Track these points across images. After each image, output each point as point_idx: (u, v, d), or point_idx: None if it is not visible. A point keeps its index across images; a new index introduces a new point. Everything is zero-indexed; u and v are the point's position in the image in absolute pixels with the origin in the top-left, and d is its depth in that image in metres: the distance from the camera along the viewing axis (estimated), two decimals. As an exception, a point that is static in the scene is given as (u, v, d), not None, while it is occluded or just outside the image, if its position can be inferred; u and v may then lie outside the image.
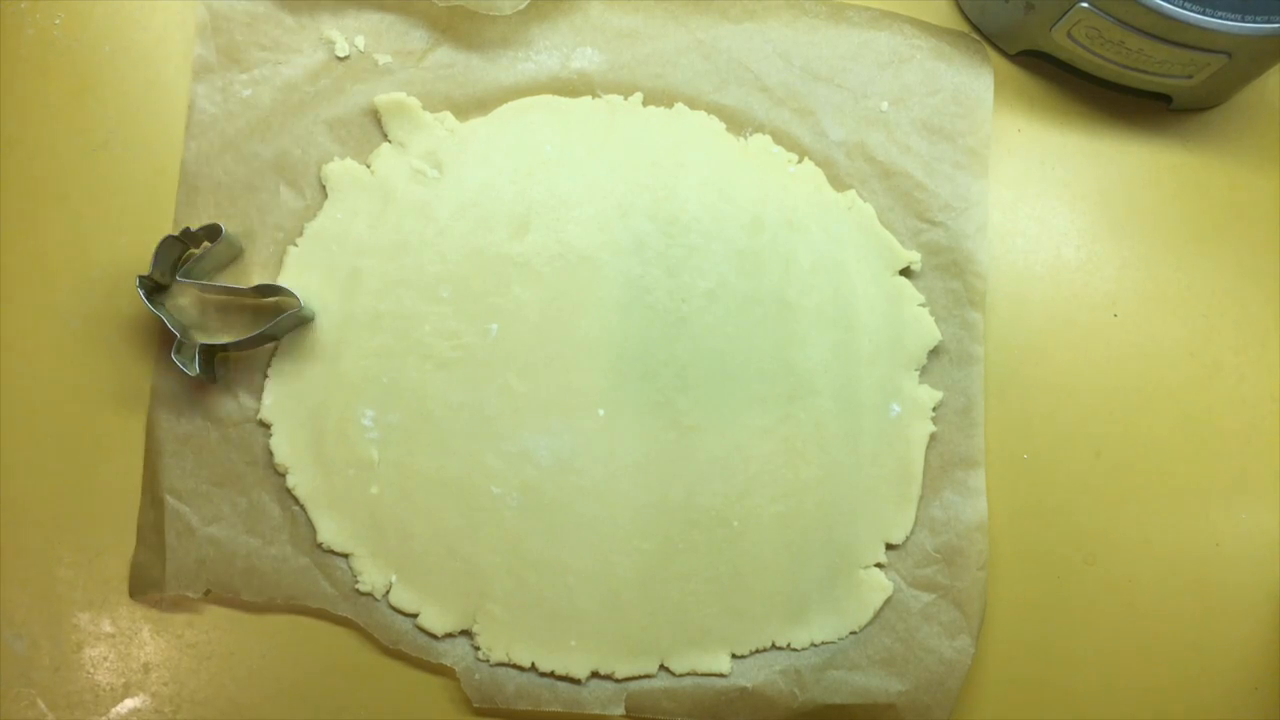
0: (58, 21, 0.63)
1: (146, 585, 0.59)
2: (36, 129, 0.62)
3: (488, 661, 0.59)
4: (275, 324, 0.58)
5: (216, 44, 0.62)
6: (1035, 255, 0.66)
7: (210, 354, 0.59)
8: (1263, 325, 0.66)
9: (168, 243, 0.58)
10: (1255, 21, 0.59)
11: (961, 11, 0.68)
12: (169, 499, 0.58)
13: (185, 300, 0.61)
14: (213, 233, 0.59)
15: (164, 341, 0.59)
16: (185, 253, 0.60)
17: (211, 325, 0.61)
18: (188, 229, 0.58)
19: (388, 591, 0.59)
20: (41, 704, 0.58)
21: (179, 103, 0.62)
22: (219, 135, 0.61)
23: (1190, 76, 0.63)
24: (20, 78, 0.62)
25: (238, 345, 0.59)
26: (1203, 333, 0.66)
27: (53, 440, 0.60)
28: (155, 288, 0.59)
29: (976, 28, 0.67)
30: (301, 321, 0.60)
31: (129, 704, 0.59)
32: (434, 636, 0.59)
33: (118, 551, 0.59)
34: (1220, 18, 0.59)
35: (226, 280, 0.61)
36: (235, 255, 0.61)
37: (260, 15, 0.62)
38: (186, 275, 0.59)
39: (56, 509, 0.59)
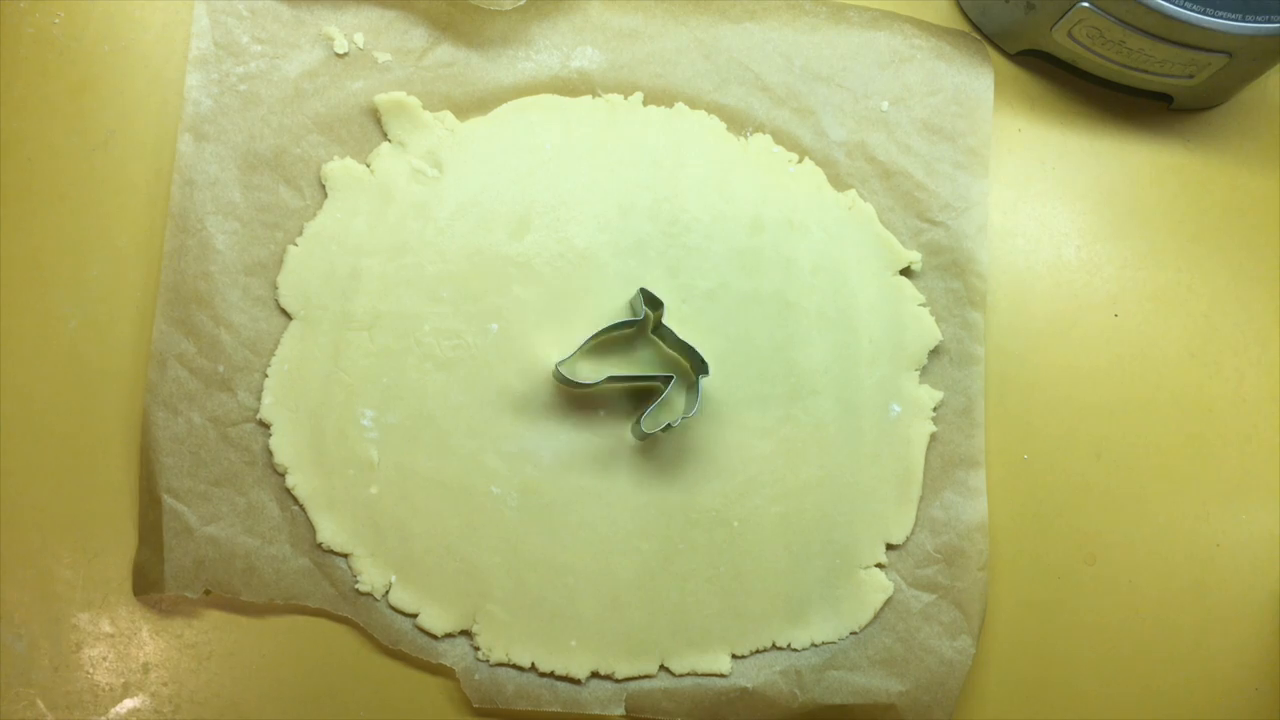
0: (57, 21, 0.63)
1: (147, 585, 0.58)
2: (35, 128, 0.62)
3: (487, 662, 0.59)
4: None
5: (214, 36, 0.61)
6: (1035, 255, 0.66)
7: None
8: (1263, 325, 0.66)
9: None
10: (1256, 21, 0.59)
11: (962, 11, 0.68)
12: (167, 499, 0.58)
13: None
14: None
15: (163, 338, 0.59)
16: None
17: None
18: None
19: (387, 591, 0.59)
20: (41, 704, 0.58)
21: (178, 102, 0.62)
22: (214, 129, 0.61)
23: (1191, 76, 0.63)
24: (19, 77, 0.62)
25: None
26: (1203, 333, 0.66)
27: (52, 440, 0.60)
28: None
29: (977, 27, 0.67)
30: None
31: (128, 704, 0.58)
32: (434, 637, 0.59)
33: (117, 551, 0.59)
34: (1221, 17, 0.59)
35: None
36: None
37: (259, 9, 0.62)
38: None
39: (56, 509, 0.59)
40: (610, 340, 0.61)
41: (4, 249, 0.60)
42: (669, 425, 0.58)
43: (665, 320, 0.60)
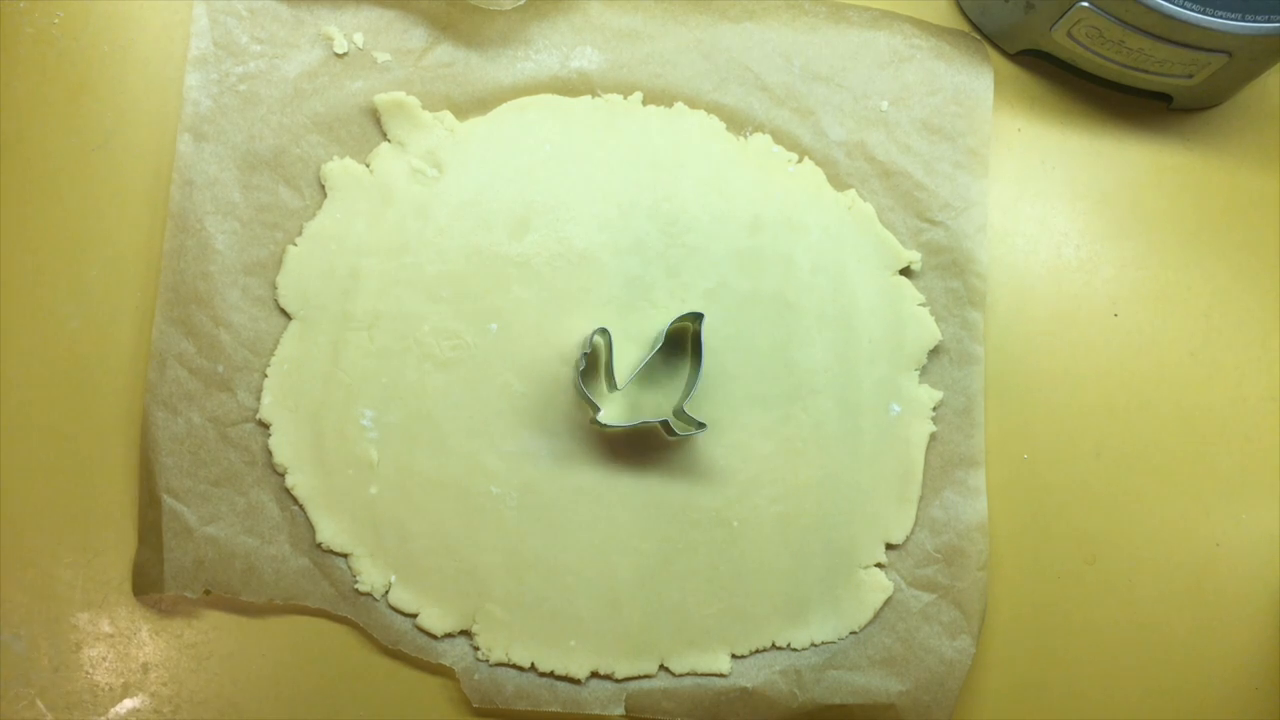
0: (56, 21, 0.63)
1: (147, 585, 0.58)
2: (35, 128, 0.62)
3: (487, 662, 0.59)
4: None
5: (213, 36, 0.61)
6: (1035, 255, 0.66)
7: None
8: (1263, 325, 0.66)
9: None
10: (1255, 21, 0.59)
11: (962, 11, 0.68)
12: (166, 499, 0.58)
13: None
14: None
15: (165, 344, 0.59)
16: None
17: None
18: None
19: (387, 591, 0.59)
20: (40, 704, 0.58)
21: (178, 103, 0.62)
22: (213, 129, 0.61)
23: (1190, 76, 0.63)
24: (19, 77, 0.62)
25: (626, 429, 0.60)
26: (1203, 333, 0.66)
27: (52, 440, 0.60)
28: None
29: (977, 27, 0.67)
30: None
31: (128, 704, 0.58)
32: (433, 636, 0.59)
33: (117, 551, 0.59)
34: (1220, 17, 0.59)
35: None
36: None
37: (258, 9, 0.62)
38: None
39: (56, 509, 0.59)
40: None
41: (4, 249, 0.60)
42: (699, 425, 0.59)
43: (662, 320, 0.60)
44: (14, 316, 0.60)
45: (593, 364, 0.61)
